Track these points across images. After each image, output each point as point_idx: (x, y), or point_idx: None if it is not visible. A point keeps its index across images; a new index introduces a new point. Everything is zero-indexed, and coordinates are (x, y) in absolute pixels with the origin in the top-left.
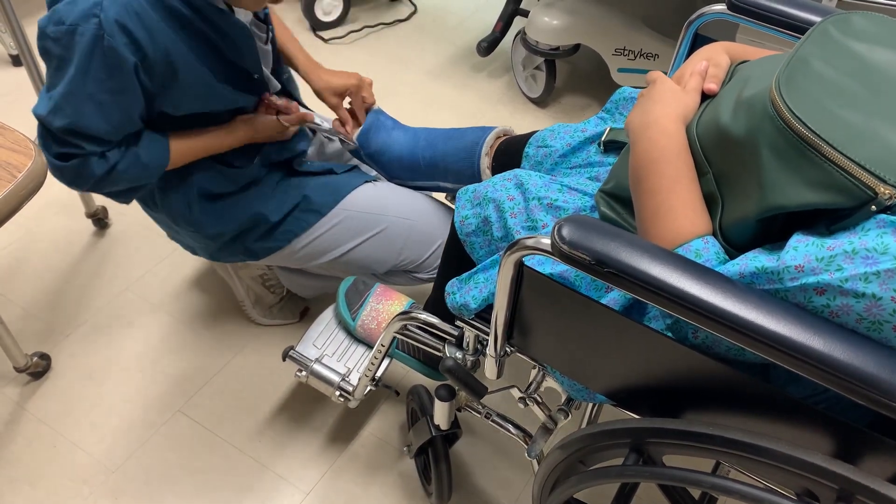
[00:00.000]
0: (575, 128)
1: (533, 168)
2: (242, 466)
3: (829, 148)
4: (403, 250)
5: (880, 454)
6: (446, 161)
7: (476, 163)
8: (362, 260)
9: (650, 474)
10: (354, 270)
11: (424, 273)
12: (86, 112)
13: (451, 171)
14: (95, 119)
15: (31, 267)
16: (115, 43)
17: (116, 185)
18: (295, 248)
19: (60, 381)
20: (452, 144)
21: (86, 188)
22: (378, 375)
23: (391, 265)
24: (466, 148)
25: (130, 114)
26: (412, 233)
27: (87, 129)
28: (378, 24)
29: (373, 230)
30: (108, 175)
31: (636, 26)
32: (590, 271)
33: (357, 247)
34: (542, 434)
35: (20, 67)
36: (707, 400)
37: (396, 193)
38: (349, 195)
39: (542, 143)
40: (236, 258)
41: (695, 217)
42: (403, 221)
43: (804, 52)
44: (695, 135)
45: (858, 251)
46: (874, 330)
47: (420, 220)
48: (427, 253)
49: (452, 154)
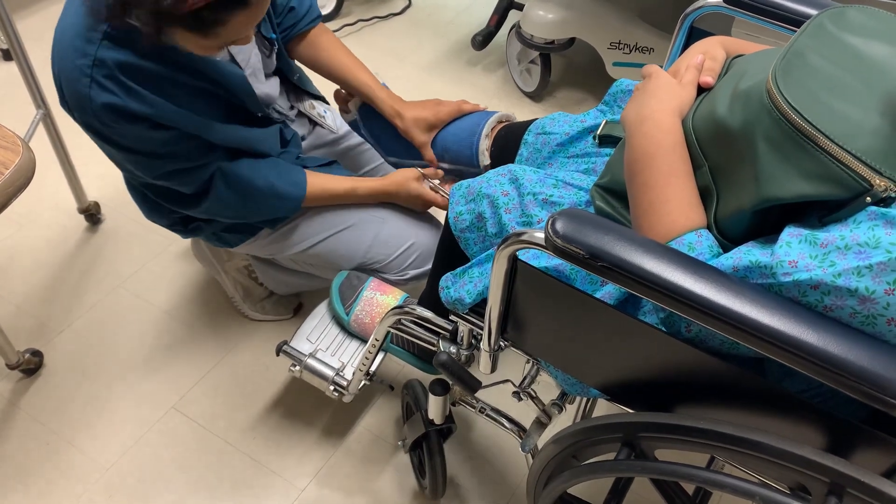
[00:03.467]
0: (575, 118)
1: (531, 155)
2: (237, 463)
3: (826, 139)
4: (371, 248)
5: (873, 448)
6: (445, 140)
7: (475, 143)
8: (329, 254)
9: (642, 469)
10: (322, 264)
11: (391, 274)
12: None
13: (449, 151)
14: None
15: (23, 263)
16: (114, 125)
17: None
18: (263, 238)
19: (53, 378)
20: (453, 124)
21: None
22: (372, 370)
23: (358, 262)
24: (467, 129)
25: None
26: (381, 231)
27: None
28: (372, 18)
29: (341, 225)
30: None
31: (631, 20)
32: (584, 265)
33: (325, 240)
34: (536, 428)
35: (10, 62)
36: (701, 394)
37: None
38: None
39: (541, 131)
40: (211, 242)
41: (689, 210)
42: (373, 218)
43: (800, 46)
44: (691, 128)
45: (851, 246)
46: (868, 324)
47: (391, 220)
48: (395, 254)
49: (452, 134)
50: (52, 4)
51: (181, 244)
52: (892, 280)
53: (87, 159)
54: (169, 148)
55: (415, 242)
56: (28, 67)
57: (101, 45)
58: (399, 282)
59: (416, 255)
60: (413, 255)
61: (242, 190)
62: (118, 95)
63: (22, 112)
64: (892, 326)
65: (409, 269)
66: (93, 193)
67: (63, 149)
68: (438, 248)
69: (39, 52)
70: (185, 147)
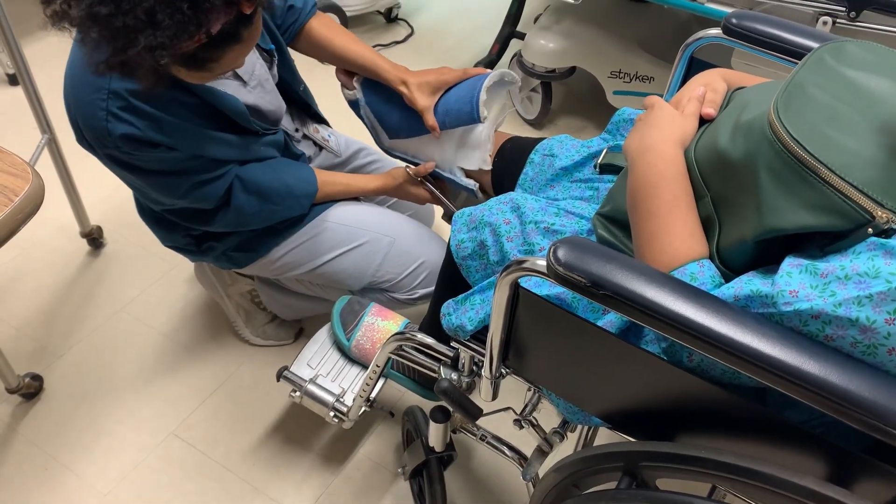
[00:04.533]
0: (582, 143)
1: (536, 175)
2: (236, 489)
3: (827, 171)
4: (381, 267)
5: (875, 479)
6: (448, 103)
7: (475, 97)
8: (339, 273)
9: (643, 498)
10: (330, 284)
11: (401, 293)
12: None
13: (450, 112)
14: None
15: (24, 286)
16: (135, 153)
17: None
18: (273, 257)
19: (52, 403)
20: (455, 88)
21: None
22: (373, 396)
23: (367, 281)
24: (468, 85)
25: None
26: (391, 250)
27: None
28: (375, 46)
29: (352, 243)
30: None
31: (632, 49)
32: (585, 293)
33: (335, 259)
34: (537, 457)
35: (17, 86)
36: (703, 424)
37: (379, 212)
38: (331, 208)
39: (548, 152)
40: (220, 264)
41: (691, 240)
42: (383, 238)
43: (801, 79)
44: (693, 158)
45: (851, 276)
46: (869, 354)
47: (401, 239)
48: (405, 272)
49: (452, 94)
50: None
51: (182, 268)
52: (892, 310)
53: (91, 183)
54: (188, 164)
55: (425, 261)
56: (34, 92)
57: (112, 78)
58: (408, 301)
59: (426, 274)
60: (423, 275)
61: (260, 193)
62: (135, 126)
63: (27, 136)
64: (893, 356)
65: (418, 287)
66: (95, 217)
67: (67, 173)
68: (440, 275)
69: (45, 77)
70: (202, 162)
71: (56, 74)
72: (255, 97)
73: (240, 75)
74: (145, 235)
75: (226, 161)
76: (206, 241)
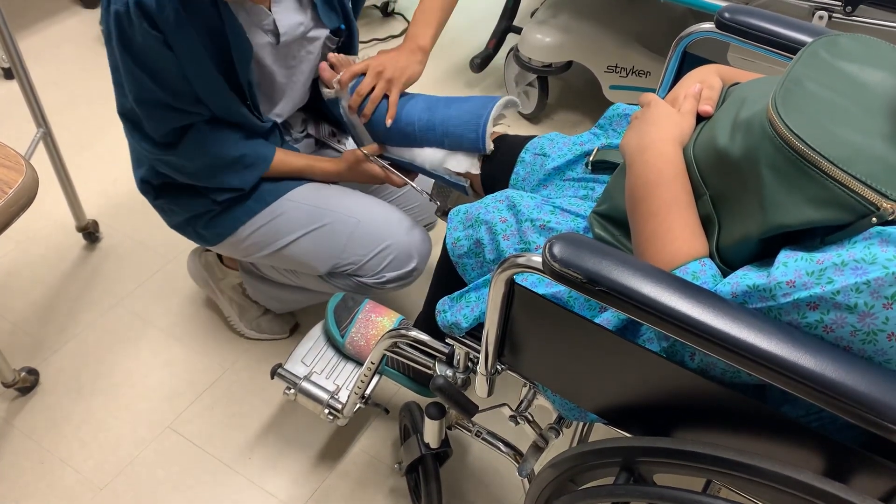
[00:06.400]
0: (573, 141)
1: (527, 175)
2: (232, 484)
3: (829, 164)
4: (346, 248)
5: (872, 473)
6: (446, 125)
7: (482, 127)
8: (304, 255)
9: (640, 493)
10: (298, 268)
11: (368, 277)
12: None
13: (449, 135)
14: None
15: (20, 281)
16: (139, 23)
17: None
18: (241, 236)
19: (48, 397)
20: (455, 107)
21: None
22: (368, 393)
23: (332, 264)
24: (471, 111)
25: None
26: (356, 231)
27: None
28: (371, 40)
29: (316, 223)
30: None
31: (628, 44)
32: (581, 290)
33: (299, 239)
34: (533, 452)
35: (12, 80)
36: (699, 419)
37: (345, 192)
38: (297, 188)
39: (539, 151)
40: (192, 238)
41: (692, 239)
42: (348, 219)
43: (797, 73)
44: (691, 157)
45: (847, 263)
46: (869, 341)
47: (366, 220)
48: (370, 254)
49: (455, 117)
50: (52, 24)
51: (178, 263)
52: (889, 294)
53: (87, 178)
54: (165, 74)
55: (391, 244)
56: (29, 86)
57: None
58: (376, 286)
59: (392, 257)
60: (389, 257)
61: (213, 154)
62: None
63: (22, 130)
64: (893, 342)
65: (385, 271)
66: (91, 212)
67: (63, 167)
68: (435, 272)
69: (40, 71)
70: (179, 85)
71: (51, 68)
72: (279, 65)
73: (279, 32)
74: (141, 230)
75: (197, 102)
76: (190, 218)
